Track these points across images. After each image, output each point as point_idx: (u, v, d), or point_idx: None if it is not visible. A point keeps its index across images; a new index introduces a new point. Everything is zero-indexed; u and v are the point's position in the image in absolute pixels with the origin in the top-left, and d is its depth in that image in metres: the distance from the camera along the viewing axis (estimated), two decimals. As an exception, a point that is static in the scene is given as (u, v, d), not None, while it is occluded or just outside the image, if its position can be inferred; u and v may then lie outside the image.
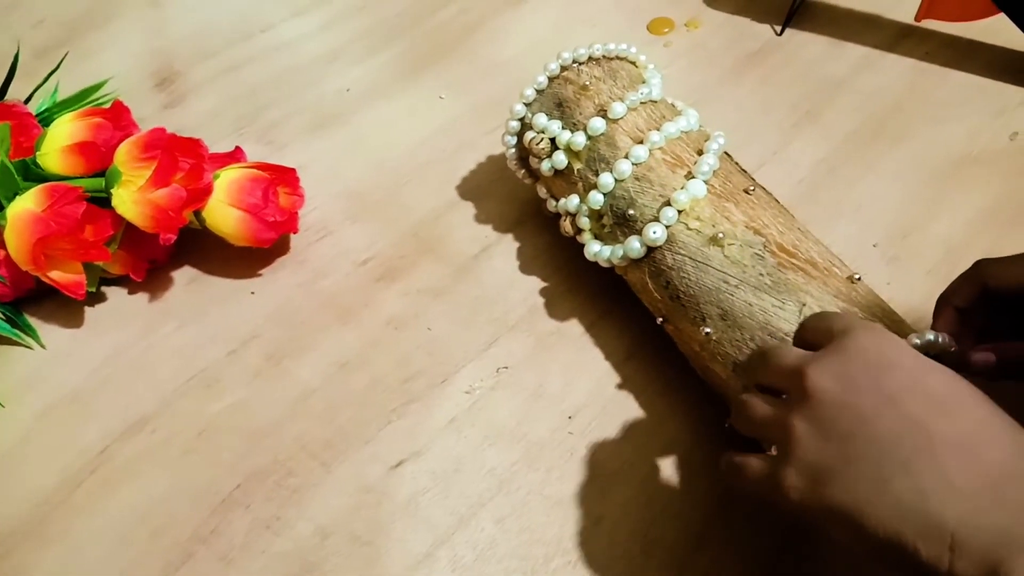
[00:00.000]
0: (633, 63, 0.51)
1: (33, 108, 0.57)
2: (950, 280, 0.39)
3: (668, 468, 0.45)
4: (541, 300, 0.52)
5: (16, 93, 0.58)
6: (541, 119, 0.49)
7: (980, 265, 0.38)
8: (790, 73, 0.65)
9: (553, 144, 0.48)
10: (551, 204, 0.51)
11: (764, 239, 0.42)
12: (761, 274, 0.41)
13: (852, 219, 0.55)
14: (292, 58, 0.68)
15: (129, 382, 0.49)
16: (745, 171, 0.47)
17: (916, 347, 0.37)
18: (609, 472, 0.45)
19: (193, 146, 0.51)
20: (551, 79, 0.50)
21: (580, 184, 0.47)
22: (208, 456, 0.46)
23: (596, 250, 0.47)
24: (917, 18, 0.65)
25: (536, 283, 0.53)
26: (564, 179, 0.48)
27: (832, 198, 0.57)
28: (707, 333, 0.42)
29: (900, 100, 0.62)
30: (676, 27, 0.68)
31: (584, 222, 0.47)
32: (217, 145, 0.55)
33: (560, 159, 0.48)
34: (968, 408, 0.29)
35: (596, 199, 0.46)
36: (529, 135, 0.49)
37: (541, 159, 0.49)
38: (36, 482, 0.46)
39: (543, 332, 0.51)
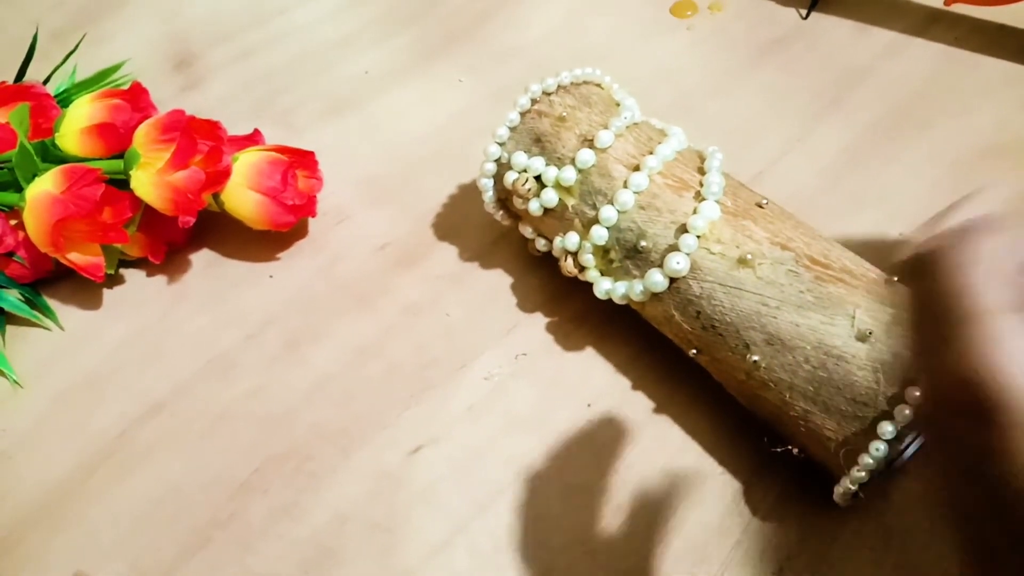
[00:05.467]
0: (599, 85, 0.49)
1: (51, 90, 0.57)
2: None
3: (688, 458, 0.45)
4: (560, 287, 0.52)
5: (34, 75, 0.58)
6: (521, 158, 0.46)
7: None
8: (815, 59, 0.63)
9: (539, 182, 0.46)
10: (540, 244, 0.49)
11: (793, 253, 0.41)
12: (801, 291, 0.39)
13: (876, 209, 0.54)
14: (308, 41, 0.67)
15: (146, 365, 0.49)
16: (743, 184, 0.46)
17: None
18: (628, 461, 0.45)
19: (212, 128, 0.50)
20: (523, 114, 0.47)
21: (576, 221, 0.45)
22: (225, 441, 0.46)
23: (608, 287, 0.44)
24: (947, 1, 0.63)
25: (555, 270, 0.52)
26: (555, 217, 0.46)
27: (856, 187, 0.56)
28: (755, 361, 0.40)
29: (927, 87, 0.61)
30: (699, 10, 0.67)
31: (588, 260, 0.45)
32: (235, 128, 0.54)
33: (550, 197, 0.45)
34: None
35: (600, 235, 0.43)
36: (511, 176, 0.47)
37: (528, 200, 0.46)
38: (52, 465, 0.46)
39: (562, 319, 0.50)
